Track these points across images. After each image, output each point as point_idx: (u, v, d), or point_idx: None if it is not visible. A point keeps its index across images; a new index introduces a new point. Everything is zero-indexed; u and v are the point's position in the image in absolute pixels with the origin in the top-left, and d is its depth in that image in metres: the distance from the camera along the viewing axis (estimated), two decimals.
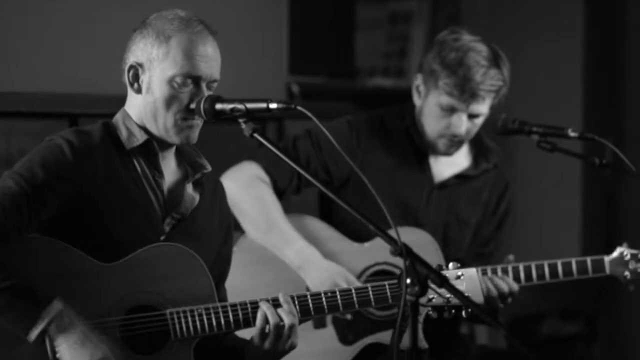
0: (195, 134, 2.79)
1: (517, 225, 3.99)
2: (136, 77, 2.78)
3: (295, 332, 2.79)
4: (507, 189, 3.82)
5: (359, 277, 3.52)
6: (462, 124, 3.56)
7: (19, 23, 3.95)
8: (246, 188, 3.52)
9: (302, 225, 3.55)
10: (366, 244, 3.57)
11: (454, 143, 3.61)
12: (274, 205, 3.52)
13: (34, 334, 2.53)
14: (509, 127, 3.59)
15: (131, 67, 2.78)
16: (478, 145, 3.77)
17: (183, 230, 2.83)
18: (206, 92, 2.76)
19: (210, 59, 2.76)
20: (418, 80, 3.65)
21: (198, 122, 2.78)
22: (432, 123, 3.60)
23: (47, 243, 2.64)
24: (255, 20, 4.93)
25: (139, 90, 2.79)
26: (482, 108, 3.55)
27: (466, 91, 3.49)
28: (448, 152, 3.65)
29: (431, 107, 3.59)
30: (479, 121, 3.60)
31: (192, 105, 2.74)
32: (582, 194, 5.73)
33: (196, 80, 2.75)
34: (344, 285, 3.35)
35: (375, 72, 6.37)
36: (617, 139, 5.07)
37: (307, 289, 3.46)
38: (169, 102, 2.75)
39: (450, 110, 3.55)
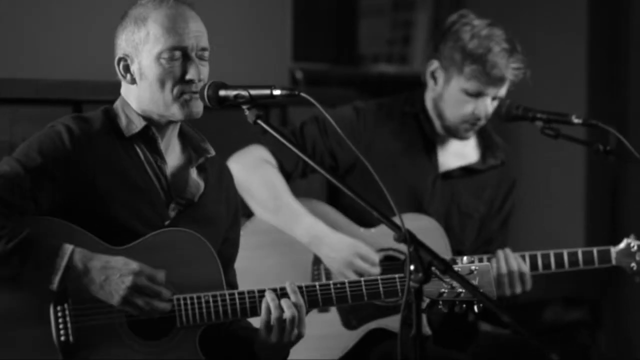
0: (199, 108, 2.76)
1: (521, 213, 3.98)
2: (127, 69, 2.78)
3: (300, 323, 2.76)
4: (514, 187, 3.83)
5: None
6: (488, 107, 3.59)
7: (23, 9, 3.94)
8: (253, 170, 3.53)
9: (310, 209, 3.55)
10: (372, 230, 3.57)
11: (475, 127, 3.63)
12: (281, 185, 3.53)
13: (55, 283, 2.56)
14: (513, 114, 3.60)
15: (120, 59, 2.78)
16: (486, 140, 3.78)
17: (189, 216, 2.83)
18: (198, 62, 2.74)
19: (191, 29, 2.74)
20: (433, 67, 3.65)
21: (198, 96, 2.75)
22: (454, 108, 3.62)
23: (57, 224, 2.65)
24: (259, 6, 4.91)
25: (132, 81, 2.78)
26: (504, 90, 3.60)
27: (494, 76, 3.52)
28: (466, 137, 3.68)
29: (454, 92, 3.60)
30: (496, 103, 3.62)
31: (188, 76, 2.72)
32: (586, 182, 5.72)
33: (183, 51, 2.73)
34: (363, 253, 3.38)
35: (379, 59, 6.35)
36: (621, 126, 5.05)
37: (317, 262, 3.47)
38: (162, 79, 2.73)
39: (477, 95, 3.57)
